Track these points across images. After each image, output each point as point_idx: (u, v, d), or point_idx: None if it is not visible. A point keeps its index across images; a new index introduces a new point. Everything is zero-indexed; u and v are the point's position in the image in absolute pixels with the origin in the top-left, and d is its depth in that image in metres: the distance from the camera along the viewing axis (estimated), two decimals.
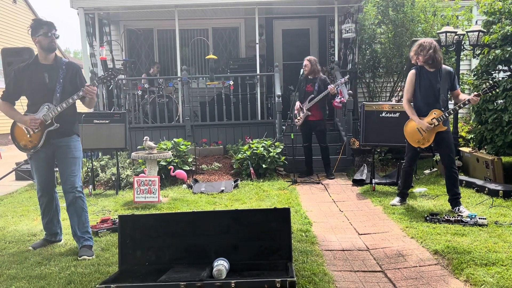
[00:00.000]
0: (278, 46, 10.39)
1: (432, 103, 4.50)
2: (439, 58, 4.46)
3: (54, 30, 3.59)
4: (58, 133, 3.65)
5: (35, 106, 3.63)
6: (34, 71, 3.61)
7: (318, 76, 6.57)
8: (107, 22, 9.50)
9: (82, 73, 3.87)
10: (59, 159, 3.71)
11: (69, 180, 3.65)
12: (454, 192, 4.53)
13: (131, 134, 7.85)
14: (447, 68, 4.55)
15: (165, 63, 10.35)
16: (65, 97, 3.60)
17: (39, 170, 3.72)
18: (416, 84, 4.55)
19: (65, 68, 3.65)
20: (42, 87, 3.60)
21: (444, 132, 4.50)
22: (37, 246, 3.79)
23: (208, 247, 3.11)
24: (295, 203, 5.20)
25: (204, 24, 10.15)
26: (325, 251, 3.57)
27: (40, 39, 3.55)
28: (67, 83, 3.64)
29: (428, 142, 4.57)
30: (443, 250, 3.36)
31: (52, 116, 3.59)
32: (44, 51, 3.60)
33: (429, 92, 4.50)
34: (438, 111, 4.47)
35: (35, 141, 3.64)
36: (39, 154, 3.68)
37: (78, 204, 3.67)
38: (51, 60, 3.65)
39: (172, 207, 5.16)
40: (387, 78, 8.60)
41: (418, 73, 4.55)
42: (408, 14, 7.71)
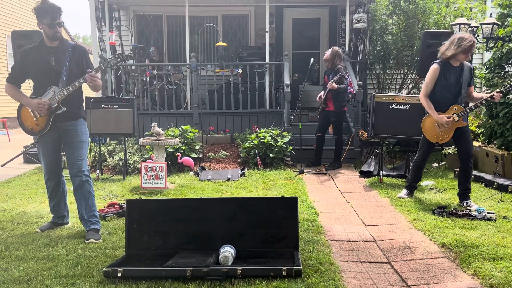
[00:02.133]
0: (288, 35, 10.30)
1: (452, 98, 4.40)
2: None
3: (58, 17, 3.51)
4: (64, 117, 3.64)
5: (41, 89, 3.61)
6: (40, 53, 3.58)
7: (334, 69, 6.54)
8: (116, 7, 9.46)
9: (89, 56, 3.83)
10: (65, 143, 3.71)
11: (75, 164, 3.65)
12: (465, 187, 4.48)
13: (139, 120, 7.85)
14: (468, 64, 4.45)
15: (174, 50, 10.32)
16: (71, 80, 3.57)
17: (46, 153, 3.73)
18: (440, 79, 4.41)
19: (71, 51, 3.62)
20: (48, 69, 3.57)
21: (464, 127, 4.42)
22: (44, 228, 3.81)
23: (215, 234, 3.12)
24: (301, 193, 5.19)
25: (214, 11, 10.07)
26: (331, 241, 3.56)
27: (44, 28, 3.51)
28: (73, 66, 3.61)
29: (447, 138, 4.47)
30: (451, 243, 3.33)
31: (59, 100, 3.57)
32: (48, 38, 3.56)
33: (453, 87, 4.39)
34: (458, 106, 4.38)
35: (41, 125, 3.63)
36: (46, 138, 3.68)
37: (85, 188, 3.67)
38: (57, 42, 3.61)
39: (179, 193, 5.18)
40: (397, 69, 8.51)
41: (442, 68, 4.40)
42: (420, 5, 7.59)
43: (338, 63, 6.55)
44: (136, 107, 6.68)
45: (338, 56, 6.55)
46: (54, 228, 3.85)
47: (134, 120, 6.30)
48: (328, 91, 6.47)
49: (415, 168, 4.83)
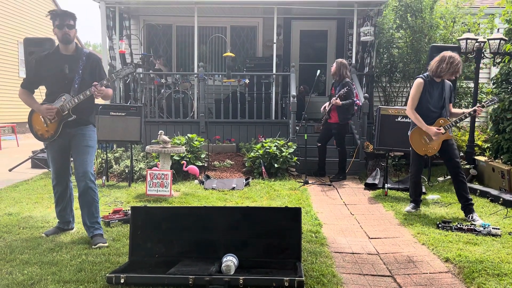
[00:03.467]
0: (295, 46, 10.38)
1: (438, 112, 4.58)
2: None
3: (69, 21, 3.56)
4: (74, 123, 3.68)
5: (53, 96, 3.65)
6: (55, 61, 3.63)
7: (342, 80, 6.57)
8: (127, 16, 9.60)
9: (102, 65, 3.89)
10: (73, 147, 3.74)
11: (81, 169, 3.67)
12: (465, 199, 4.49)
13: (146, 127, 7.91)
14: (448, 82, 4.65)
15: (183, 59, 10.42)
16: (83, 88, 3.60)
17: (55, 159, 3.77)
18: (424, 93, 4.57)
19: (85, 59, 3.66)
20: (61, 77, 3.61)
21: (449, 140, 4.58)
22: (49, 233, 3.84)
23: (218, 242, 3.12)
24: (306, 203, 5.19)
25: (222, 22, 10.19)
26: (334, 253, 3.56)
27: (55, 31, 3.57)
28: (86, 75, 3.65)
29: (435, 150, 4.61)
30: (455, 258, 3.32)
31: (69, 107, 3.60)
32: (61, 43, 3.61)
33: (437, 101, 4.58)
34: (444, 119, 4.56)
35: (51, 131, 3.67)
36: (55, 144, 3.73)
37: (89, 195, 3.69)
38: (71, 50, 3.66)
39: (184, 201, 5.20)
40: (403, 83, 8.52)
41: (428, 82, 4.57)
42: (427, 20, 7.62)
43: (345, 74, 6.59)
44: (144, 115, 6.74)
45: (343, 66, 6.59)
46: (59, 233, 3.87)
47: (141, 128, 6.36)
48: (333, 104, 6.50)
49: (413, 185, 4.86)
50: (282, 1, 8.69)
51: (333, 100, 6.40)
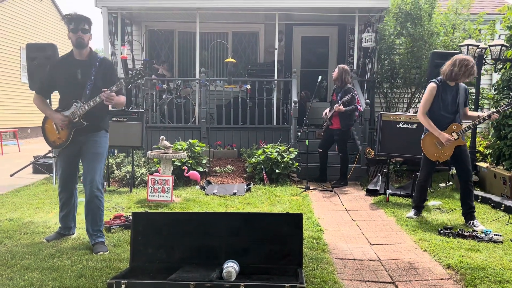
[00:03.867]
0: (297, 52, 10.41)
1: (452, 117, 4.48)
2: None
3: (84, 25, 3.52)
4: (86, 130, 3.64)
5: (65, 101, 3.62)
6: (68, 66, 3.59)
7: (344, 86, 6.58)
8: (129, 22, 9.64)
9: (115, 70, 3.81)
10: (83, 153, 3.71)
11: (88, 176, 3.65)
12: (469, 206, 4.47)
13: (148, 133, 7.93)
14: (463, 85, 4.55)
15: (184, 65, 10.45)
16: (95, 94, 3.53)
17: (63, 166, 3.75)
18: (437, 97, 4.47)
19: (98, 65, 3.60)
20: (73, 82, 3.56)
21: (462, 146, 4.49)
22: (50, 238, 3.83)
23: (219, 248, 3.12)
24: (307, 209, 5.18)
25: (224, 27, 10.23)
26: (335, 260, 3.55)
27: (69, 35, 3.54)
28: (98, 80, 3.58)
29: (447, 156, 4.51)
30: (456, 265, 3.31)
31: (80, 114, 3.56)
32: (74, 47, 3.58)
33: (451, 106, 4.47)
34: (457, 125, 4.46)
35: (63, 138, 3.65)
36: (66, 152, 3.71)
37: (95, 203, 3.67)
38: (85, 56, 3.61)
39: (185, 207, 5.19)
40: (405, 89, 8.53)
41: (440, 86, 4.47)
42: (427, 27, 7.63)
43: (347, 80, 6.60)
44: (145, 120, 6.75)
45: (345, 72, 6.61)
46: (60, 239, 3.86)
47: (143, 133, 6.37)
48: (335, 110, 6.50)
49: (419, 189, 4.81)
50: (284, 7, 8.72)
51: (336, 107, 6.40)
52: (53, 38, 16.06)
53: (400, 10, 7.83)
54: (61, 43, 16.69)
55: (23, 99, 13.83)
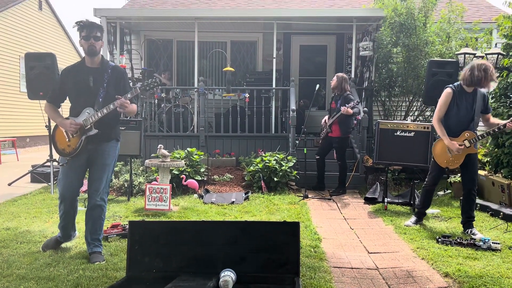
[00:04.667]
0: (295, 61, 10.46)
1: (465, 124, 4.38)
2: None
3: (96, 32, 3.49)
4: (96, 138, 3.57)
5: (77, 109, 3.56)
6: (79, 73, 3.56)
7: (343, 94, 6.60)
8: (128, 31, 9.70)
9: (127, 78, 3.78)
10: (91, 162, 3.65)
11: (94, 185, 3.62)
12: (469, 215, 4.45)
13: (146, 141, 7.93)
14: (482, 91, 4.39)
15: (183, 74, 10.49)
16: (107, 101, 3.50)
17: (68, 177, 3.61)
18: (452, 104, 4.40)
19: (110, 72, 3.58)
20: (85, 90, 3.53)
21: (473, 154, 4.40)
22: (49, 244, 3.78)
23: (216, 257, 3.10)
24: (305, 218, 5.17)
25: (222, 37, 10.28)
26: (333, 268, 3.54)
27: (81, 43, 3.51)
28: (111, 88, 3.55)
29: (457, 164, 4.44)
30: (454, 273, 3.29)
31: (92, 122, 3.50)
32: (86, 55, 3.55)
33: (466, 113, 4.37)
34: (470, 133, 4.35)
35: (73, 146, 3.56)
36: (74, 162, 3.59)
37: (97, 213, 3.65)
38: (97, 63, 3.58)
39: (182, 216, 5.18)
40: (402, 97, 8.56)
41: (456, 92, 4.39)
42: (422, 37, 7.67)
43: (346, 87, 6.64)
44: (144, 129, 6.76)
45: (345, 80, 6.65)
46: (57, 248, 3.82)
47: (141, 142, 6.37)
48: (337, 117, 6.49)
49: (424, 193, 4.76)
50: (282, 17, 8.79)
51: (344, 109, 6.32)
52: (52, 48, 16.13)
53: (394, 20, 7.87)
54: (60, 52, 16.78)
55: (22, 108, 13.85)
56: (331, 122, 6.63)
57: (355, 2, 11.24)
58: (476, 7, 11.04)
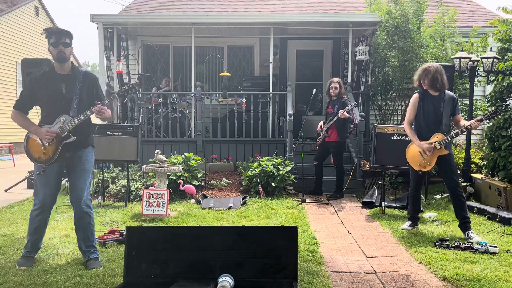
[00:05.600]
0: (291, 66, 10.49)
1: (434, 127, 4.53)
2: (444, 82, 4.51)
3: (65, 39, 3.45)
4: (73, 146, 3.55)
5: (50, 117, 3.51)
6: (50, 80, 3.50)
7: (340, 99, 6.62)
8: (125, 37, 9.70)
9: (99, 84, 3.78)
10: (69, 169, 3.62)
11: (76, 193, 3.59)
12: (462, 216, 4.48)
13: (143, 147, 7.93)
14: (450, 94, 4.59)
15: (180, 79, 10.50)
16: (82, 108, 3.49)
17: (49, 185, 3.57)
18: (419, 108, 4.59)
19: (82, 79, 3.56)
20: (58, 98, 3.48)
21: (446, 155, 4.50)
22: (22, 264, 3.53)
23: (213, 263, 3.09)
24: (303, 222, 5.17)
25: (219, 42, 10.31)
26: (331, 273, 3.53)
27: (50, 50, 3.47)
28: (84, 94, 3.54)
29: (429, 166, 4.57)
30: (452, 277, 3.30)
31: (69, 129, 3.48)
32: (55, 61, 3.51)
33: (432, 116, 4.53)
34: (440, 135, 4.48)
35: (49, 154, 3.50)
36: (52, 169, 3.55)
37: (85, 220, 3.63)
38: (67, 70, 3.55)
39: (180, 221, 5.17)
40: (398, 101, 8.60)
41: (422, 97, 4.59)
42: (416, 40, 7.72)
43: (344, 92, 6.68)
44: (141, 134, 6.75)
45: (342, 85, 6.70)
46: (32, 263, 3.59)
47: (138, 147, 6.37)
48: (334, 122, 6.50)
49: (412, 200, 4.84)
50: (278, 22, 8.82)
51: (341, 113, 6.33)
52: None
53: (389, 23, 7.92)
54: None
55: None
56: (327, 126, 6.64)
57: (351, 7, 11.30)
58: (471, 11, 11.11)
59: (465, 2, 11.72)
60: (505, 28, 6.49)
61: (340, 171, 6.72)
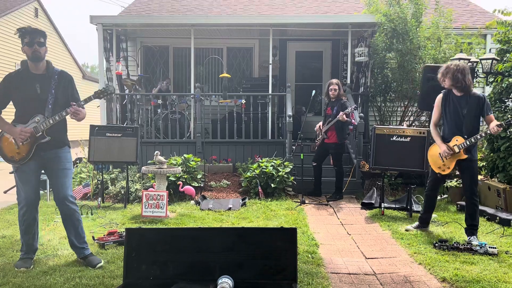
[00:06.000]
0: (291, 67, 10.50)
1: (456, 129, 4.34)
2: (468, 82, 4.28)
3: (39, 38, 3.44)
4: (48, 145, 3.53)
5: (25, 117, 3.49)
6: (25, 80, 3.47)
7: (339, 100, 6.62)
8: (124, 38, 9.71)
9: (75, 84, 3.73)
10: (49, 170, 3.61)
11: (61, 192, 3.58)
12: (470, 223, 4.38)
13: (143, 148, 7.93)
14: (477, 93, 4.30)
15: (179, 80, 10.51)
16: (57, 108, 3.47)
17: (29, 183, 3.54)
18: (443, 109, 4.44)
19: (58, 78, 3.54)
20: (33, 97, 3.46)
21: (465, 160, 4.30)
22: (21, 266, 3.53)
23: (213, 264, 3.09)
24: (302, 224, 5.17)
25: (219, 43, 10.32)
26: (331, 274, 3.53)
27: (25, 49, 3.45)
28: (59, 94, 3.52)
29: (448, 169, 4.41)
30: (451, 278, 3.30)
31: (44, 129, 3.47)
32: (30, 61, 3.48)
33: (454, 118, 4.34)
34: (460, 138, 4.28)
35: (23, 153, 3.49)
36: (29, 166, 3.53)
37: (74, 217, 3.63)
38: (42, 69, 3.53)
39: (179, 222, 5.17)
40: (398, 102, 8.60)
41: (445, 97, 4.43)
42: (414, 42, 7.73)
43: (342, 94, 6.68)
44: (140, 135, 6.75)
45: (341, 87, 6.70)
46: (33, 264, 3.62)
47: (138, 149, 6.36)
48: (333, 123, 6.49)
49: (425, 198, 4.79)
50: (278, 23, 8.83)
51: (341, 116, 6.33)
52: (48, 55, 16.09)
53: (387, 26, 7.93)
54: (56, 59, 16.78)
55: None
56: (327, 128, 6.64)
57: (351, 8, 11.31)
58: (470, 12, 11.13)
59: (464, 3, 11.74)
60: (504, 29, 6.51)
61: (340, 172, 6.72)
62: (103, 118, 8.48)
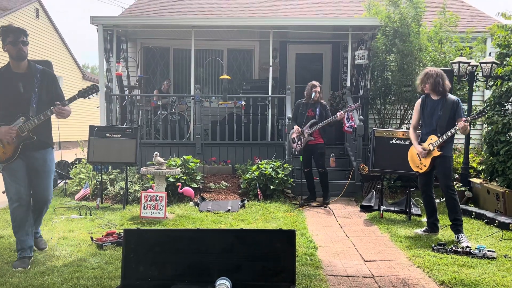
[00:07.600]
0: (291, 69, 10.50)
1: (431, 130, 4.62)
2: (446, 87, 4.56)
3: (23, 37, 3.42)
4: (34, 146, 3.54)
5: (9, 117, 3.47)
6: (7, 80, 3.45)
7: (319, 102, 6.57)
8: (124, 39, 9.71)
9: (58, 82, 3.72)
10: (33, 171, 3.61)
11: (44, 195, 3.69)
12: (453, 217, 4.50)
13: (142, 149, 7.92)
14: (452, 97, 4.58)
15: (179, 82, 10.51)
16: (41, 107, 3.46)
17: (19, 178, 3.54)
18: (421, 111, 4.74)
19: (40, 77, 3.52)
20: (16, 97, 3.44)
21: (439, 157, 4.55)
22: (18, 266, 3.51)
23: (211, 265, 3.09)
24: (301, 226, 5.16)
25: (219, 45, 10.33)
26: (329, 276, 3.53)
27: (7, 48, 3.42)
28: (43, 93, 3.50)
29: (425, 167, 4.66)
30: (450, 281, 3.29)
31: (29, 128, 3.46)
32: (13, 60, 3.46)
33: (431, 119, 4.63)
34: (434, 137, 4.56)
35: (9, 153, 3.49)
36: (16, 164, 3.53)
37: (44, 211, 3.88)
38: (24, 68, 3.51)
39: (178, 224, 5.16)
40: (397, 105, 8.61)
41: (423, 102, 4.73)
42: (415, 43, 7.74)
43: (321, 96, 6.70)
44: (140, 136, 6.75)
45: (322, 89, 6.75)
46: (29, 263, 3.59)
47: (137, 150, 6.36)
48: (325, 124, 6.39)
49: (423, 203, 4.91)
50: (278, 25, 8.84)
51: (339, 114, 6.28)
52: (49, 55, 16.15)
53: (388, 27, 7.94)
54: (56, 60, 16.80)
55: None
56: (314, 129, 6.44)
57: (351, 11, 11.33)
58: (470, 16, 11.15)
59: (464, 7, 11.76)
60: (504, 33, 6.52)
61: (326, 173, 6.59)
62: (102, 119, 8.48)
